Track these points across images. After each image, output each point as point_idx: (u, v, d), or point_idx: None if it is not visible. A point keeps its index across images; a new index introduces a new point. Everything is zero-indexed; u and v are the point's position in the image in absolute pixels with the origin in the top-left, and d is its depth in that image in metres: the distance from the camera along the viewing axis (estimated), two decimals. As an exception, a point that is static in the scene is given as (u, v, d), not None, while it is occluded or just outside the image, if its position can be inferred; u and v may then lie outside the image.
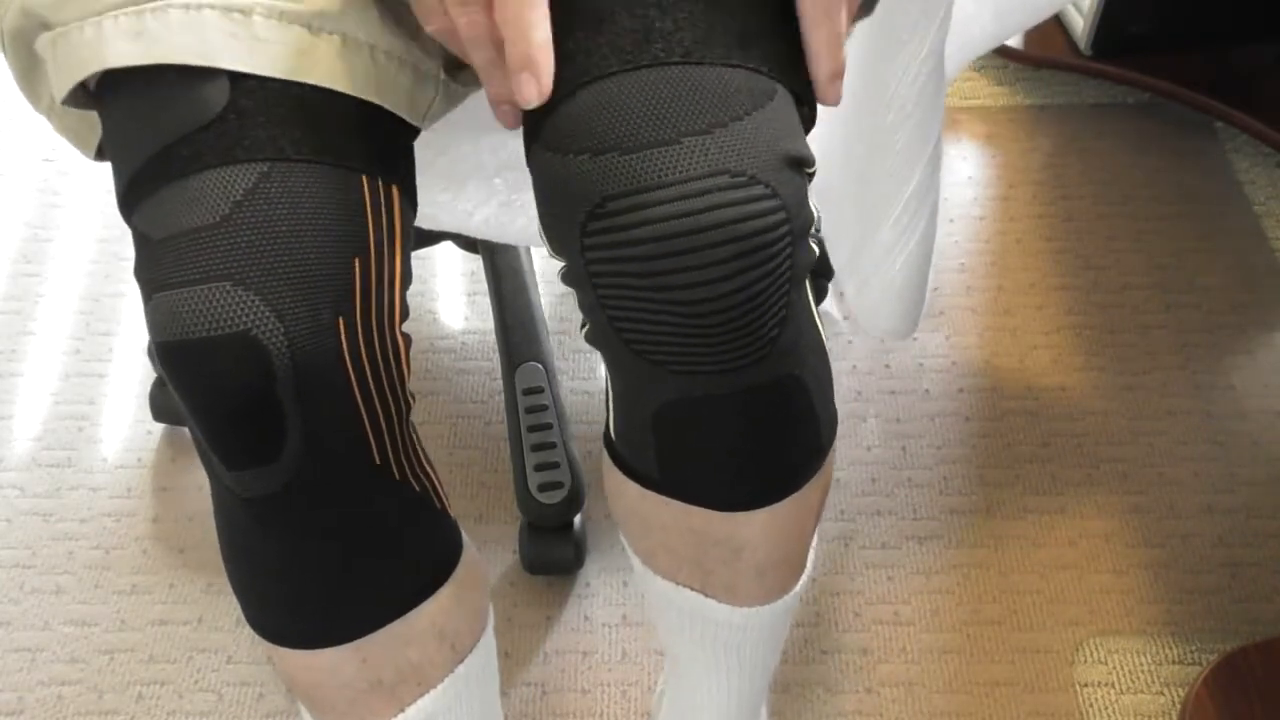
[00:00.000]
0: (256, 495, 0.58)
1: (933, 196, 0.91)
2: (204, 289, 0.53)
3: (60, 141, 1.54)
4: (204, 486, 1.21)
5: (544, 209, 0.57)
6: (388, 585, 0.63)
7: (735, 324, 0.54)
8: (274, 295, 0.54)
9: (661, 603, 0.74)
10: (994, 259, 1.42)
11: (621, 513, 0.70)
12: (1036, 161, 1.53)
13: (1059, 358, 1.32)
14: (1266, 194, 1.49)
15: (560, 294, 1.36)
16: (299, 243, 0.54)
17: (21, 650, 1.10)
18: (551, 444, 1.12)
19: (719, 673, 0.77)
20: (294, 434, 0.56)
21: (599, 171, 0.53)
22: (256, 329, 0.53)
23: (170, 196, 0.55)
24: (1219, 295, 1.38)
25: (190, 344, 0.53)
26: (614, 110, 0.53)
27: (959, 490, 1.21)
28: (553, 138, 0.55)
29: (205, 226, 0.54)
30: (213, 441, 0.57)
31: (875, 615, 1.12)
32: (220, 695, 1.07)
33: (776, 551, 0.68)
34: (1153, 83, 1.53)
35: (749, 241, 0.52)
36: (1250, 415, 1.27)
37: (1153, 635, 1.10)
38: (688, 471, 0.63)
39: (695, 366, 0.56)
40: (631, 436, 0.64)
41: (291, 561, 0.61)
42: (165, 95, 0.57)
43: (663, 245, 0.52)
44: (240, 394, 0.54)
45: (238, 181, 0.55)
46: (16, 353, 1.33)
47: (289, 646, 0.64)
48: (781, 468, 0.63)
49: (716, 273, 0.52)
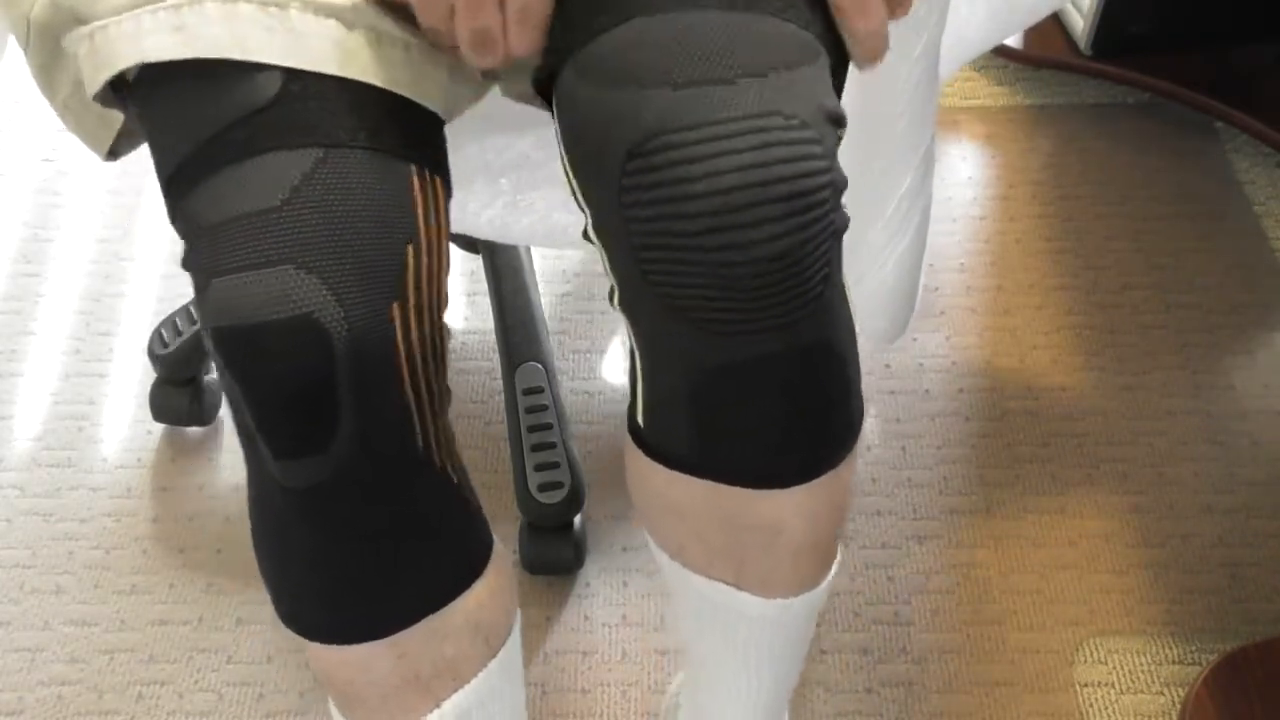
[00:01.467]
0: (303, 485, 0.57)
1: (925, 198, 0.90)
2: (267, 273, 0.52)
3: (60, 141, 1.54)
4: (204, 486, 1.21)
5: (573, 148, 0.55)
6: (427, 578, 0.63)
7: (787, 271, 0.51)
8: (335, 279, 0.53)
9: (691, 599, 0.72)
10: (994, 259, 1.42)
11: (648, 502, 0.68)
12: (1036, 161, 1.53)
13: (1059, 358, 1.32)
14: (1266, 194, 1.49)
15: (560, 294, 1.36)
16: (357, 229, 0.54)
17: (21, 650, 1.10)
18: (551, 444, 1.12)
19: (746, 673, 0.76)
20: (346, 422, 0.55)
21: (646, 105, 0.50)
22: (319, 312, 0.53)
23: (225, 181, 0.55)
24: (1219, 295, 1.38)
25: (252, 328, 0.52)
26: (666, 45, 0.51)
27: (959, 490, 1.21)
28: (592, 69, 0.53)
29: (264, 210, 0.53)
30: (266, 428, 0.55)
31: (875, 615, 1.12)
32: (220, 695, 1.07)
33: (812, 534, 0.65)
34: (1153, 83, 1.53)
35: (800, 183, 0.50)
36: (1250, 415, 1.27)
37: (1153, 635, 1.10)
38: (727, 445, 0.60)
39: (741, 325, 0.53)
40: (663, 414, 0.61)
41: (332, 553, 0.60)
42: (217, 83, 0.56)
43: (714, 181, 0.49)
44: (299, 378, 0.53)
45: (294, 166, 0.54)
46: (16, 353, 1.33)
47: (324, 641, 0.63)
48: (823, 439, 0.61)
49: (770, 212, 0.49)
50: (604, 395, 1.28)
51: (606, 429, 1.25)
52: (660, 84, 0.50)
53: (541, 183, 0.96)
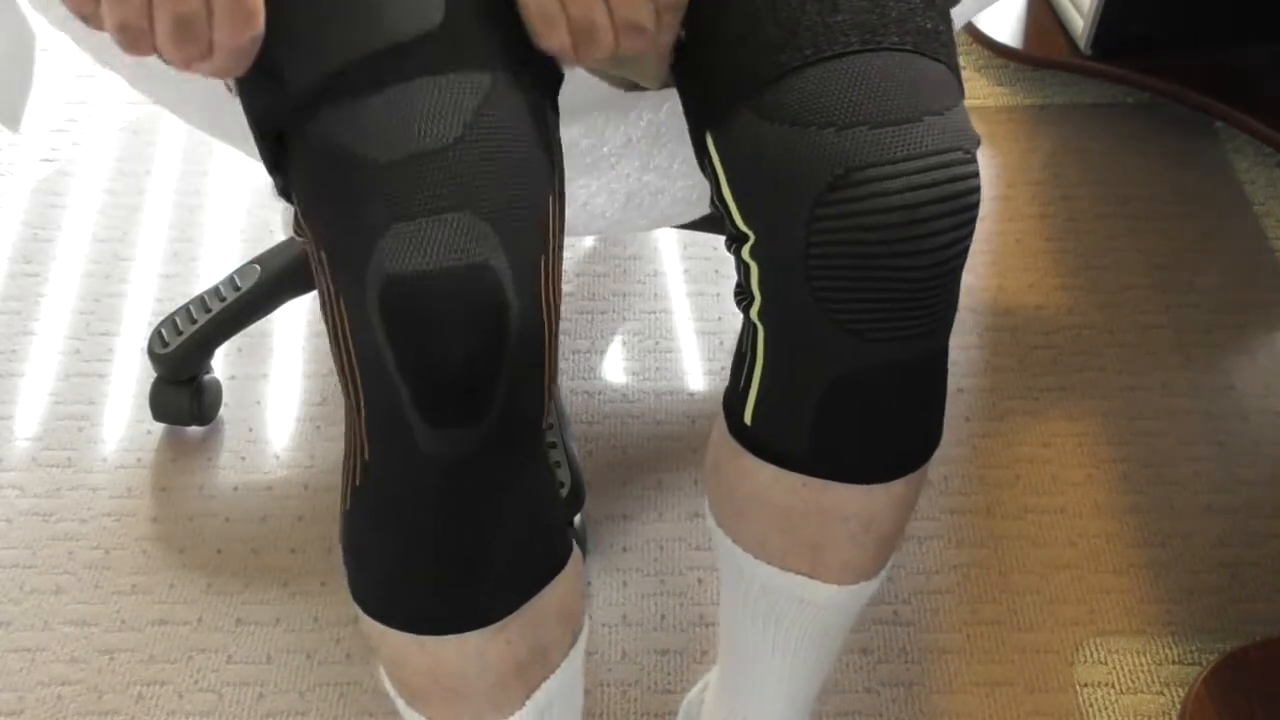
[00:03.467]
0: (451, 458, 0.56)
1: None
2: (449, 218, 0.51)
3: (60, 141, 1.54)
4: (204, 486, 1.21)
5: (753, 182, 0.58)
6: (537, 558, 0.63)
7: (949, 281, 0.58)
8: (504, 228, 0.53)
9: (754, 592, 0.73)
10: (994, 259, 1.42)
11: (741, 499, 0.69)
12: (1036, 161, 1.53)
13: (1059, 357, 1.32)
14: (1266, 194, 1.49)
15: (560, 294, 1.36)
16: (521, 174, 0.54)
17: (21, 650, 1.10)
18: (552, 444, 1.12)
19: (794, 663, 0.77)
20: (501, 388, 0.54)
21: (847, 144, 0.55)
22: (494, 259, 0.52)
23: (392, 106, 0.53)
24: (1219, 295, 1.38)
25: (434, 273, 0.51)
26: (861, 87, 0.56)
27: (959, 490, 1.21)
28: (782, 109, 0.56)
29: (440, 149, 0.52)
30: (429, 393, 0.53)
31: (875, 615, 1.12)
32: (220, 695, 1.07)
33: (898, 523, 0.69)
34: (1153, 83, 1.53)
35: (968, 213, 0.57)
36: (1250, 415, 1.27)
37: (1153, 635, 1.10)
38: (845, 444, 0.63)
39: (895, 331, 0.58)
40: (782, 413, 0.64)
41: (461, 534, 0.59)
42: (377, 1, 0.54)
43: (910, 213, 0.55)
44: (478, 328, 0.52)
45: (464, 97, 0.53)
46: (16, 353, 1.33)
47: (442, 632, 0.62)
48: (926, 436, 0.66)
49: (945, 239, 0.56)
50: (604, 395, 1.28)
51: (606, 429, 1.25)
52: (860, 124, 0.55)
53: (586, 170, 0.97)
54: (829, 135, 0.55)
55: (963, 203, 0.57)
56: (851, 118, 0.55)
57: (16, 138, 1.56)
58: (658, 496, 1.20)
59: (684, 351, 1.32)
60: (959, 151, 0.56)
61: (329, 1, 0.55)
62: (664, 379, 1.30)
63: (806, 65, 0.57)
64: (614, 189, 1.00)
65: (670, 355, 1.32)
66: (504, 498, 0.59)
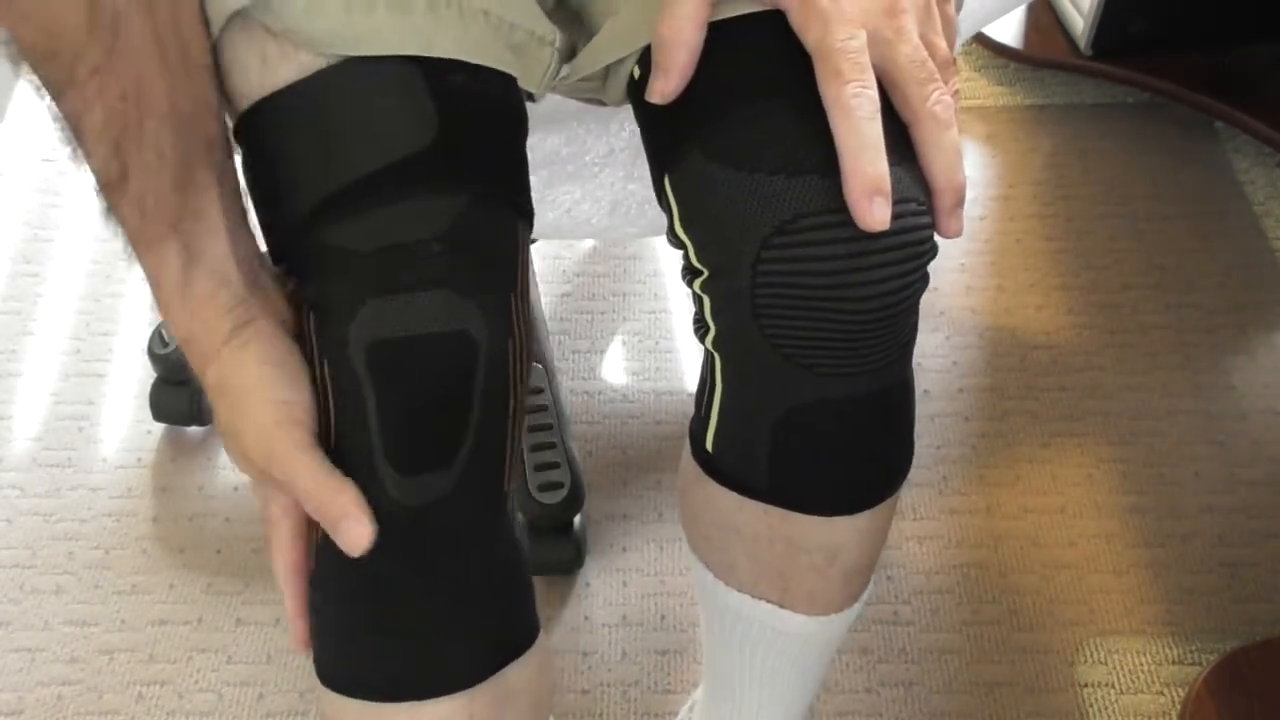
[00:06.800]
0: (419, 503, 0.56)
1: None
2: (429, 293, 0.56)
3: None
4: (204, 486, 1.21)
5: (704, 221, 0.58)
6: (504, 629, 0.62)
7: (895, 323, 0.58)
8: (486, 307, 0.57)
9: (728, 618, 0.73)
10: (994, 259, 1.42)
11: (707, 524, 0.69)
12: (1036, 162, 1.53)
13: (1058, 357, 1.32)
14: (1266, 194, 1.49)
15: (560, 294, 1.36)
16: (496, 268, 0.58)
17: (21, 650, 1.10)
18: (551, 444, 1.12)
19: (773, 689, 0.77)
20: (470, 434, 0.56)
21: (796, 191, 0.55)
22: (473, 329, 0.56)
23: (387, 216, 0.57)
24: (1219, 295, 1.38)
25: (413, 338, 0.55)
26: (811, 125, 0.55)
27: (959, 490, 1.21)
28: (731, 152, 0.56)
29: (424, 240, 0.56)
30: (402, 439, 0.56)
31: (875, 615, 1.12)
32: (220, 695, 1.07)
33: (865, 556, 0.69)
34: (1153, 83, 1.53)
35: (917, 260, 0.57)
36: (1250, 415, 1.27)
37: (1153, 635, 1.10)
38: (803, 475, 0.63)
39: (843, 367, 0.58)
40: (742, 444, 0.64)
41: (433, 588, 0.58)
42: (370, 120, 0.57)
43: (854, 261, 0.55)
44: (446, 383, 0.56)
45: (450, 206, 0.57)
46: (16, 353, 1.33)
47: (398, 700, 0.59)
48: (889, 470, 0.65)
49: (891, 285, 0.56)
50: (604, 395, 1.28)
51: (606, 429, 1.25)
52: (810, 172, 0.55)
53: (569, 178, 0.97)
54: (778, 182, 0.55)
55: (912, 251, 0.56)
56: (802, 165, 0.55)
57: (16, 138, 1.56)
58: (658, 496, 1.20)
59: (684, 351, 1.32)
60: (912, 203, 0.56)
61: (325, 134, 0.58)
62: (664, 379, 1.30)
63: (761, 112, 0.56)
64: (598, 196, 1.00)
65: (670, 355, 1.32)
66: (473, 553, 0.59)
